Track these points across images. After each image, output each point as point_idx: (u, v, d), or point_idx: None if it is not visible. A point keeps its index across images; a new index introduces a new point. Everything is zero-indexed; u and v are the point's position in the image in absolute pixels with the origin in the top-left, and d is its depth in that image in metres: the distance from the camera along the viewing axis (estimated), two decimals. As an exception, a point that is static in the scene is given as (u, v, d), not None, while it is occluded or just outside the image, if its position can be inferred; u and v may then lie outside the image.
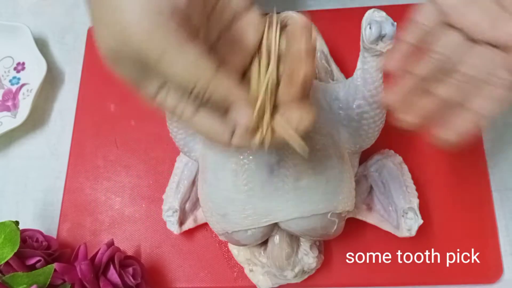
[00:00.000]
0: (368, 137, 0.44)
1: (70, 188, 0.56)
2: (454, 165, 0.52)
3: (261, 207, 0.41)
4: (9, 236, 0.44)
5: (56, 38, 0.64)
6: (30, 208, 0.56)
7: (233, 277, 0.50)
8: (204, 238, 0.52)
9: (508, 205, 0.51)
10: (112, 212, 0.54)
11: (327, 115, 0.43)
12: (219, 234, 0.45)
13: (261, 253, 0.47)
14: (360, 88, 0.42)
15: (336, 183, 0.42)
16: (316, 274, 0.48)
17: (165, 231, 0.52)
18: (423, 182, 0.50)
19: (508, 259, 0.49)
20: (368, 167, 0.49)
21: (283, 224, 0.42)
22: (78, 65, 0.61)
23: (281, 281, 0.47)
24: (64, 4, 0.65)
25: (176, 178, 0.51)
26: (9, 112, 0.59)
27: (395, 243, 0.49)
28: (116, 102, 0.59)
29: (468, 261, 0.48)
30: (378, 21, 0.38)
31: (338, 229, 0.43)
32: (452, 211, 0.50)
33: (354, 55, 0.44)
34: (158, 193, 0.53)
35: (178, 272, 0.51)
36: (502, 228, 0.50)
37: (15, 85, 0.61)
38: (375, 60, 0.41)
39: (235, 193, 0.41)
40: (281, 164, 0.40)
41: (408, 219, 0.45)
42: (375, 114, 0.43)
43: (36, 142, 0.59)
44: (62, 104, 0.60)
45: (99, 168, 0.56)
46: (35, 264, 0.46)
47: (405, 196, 0.46)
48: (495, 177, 0.52)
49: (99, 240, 0.53)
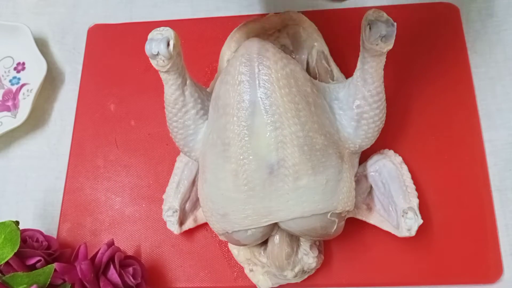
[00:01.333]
0: (368, 137, 0.44)
1: (70, 188, 0.56)
2: (454, 165, 0.52)
3: (261, 207, 0.41)
4: (9, 236, 0.44)
5: (56, 38, 0.64)
6: (30, 208, 0.56)
7: (233, 277, 0.51)
8: (204, 238, 0.52)
9: (508, 205, 0.51)
10: (112, 212, 0.54)
11: (327, 115, 0.43)
12: (219, 234, 0.45)
13: (261, 253, 0.47)
14: (360, 88, 0.42)
15: (336, 183, 0.42)
16: (316, 274, 0.48)
17: (165, 231, 0.52)
18: (423, 182, 0.51)
19: (508, 259, 0.49)
20: (368, 167, 0.49)
21: (283, 224, 0.42)
22: (78, 65, 0.61)
23: (281, 281, 0.47)
24: (64, 4, 0.66)
25: (176, 178, 0.51)
26: (9, 112, 0.59)
27: (395, 243, 0.49)
28: (116, 102, 0.59)
29: (468, 261, 0.49)
30: (378, 21, 0.38)
31: (338, 229, 0.43)
32: (452, 211, 0.50)
33: (354, 55, 0.44)
34: (158, 193, 0.53)
35: (178, 272, 0.51)
36: (502, 228, 0.50)
37: (15, 85, 0.61)
38: (375, 60, 0.41)
39: (235, 193, 0.41)
40: (281, 164, 0.40)
41: (408, 219, 0.45)
42: (375, 114, 0.43)
43: (36, 142, 0.59)
44: (62, 104, 0.60)
45: (99, 168, 0.56)
46: (35, 264, 0.46)
47: (405, 196, 0.46)
48: (495, 177, 0.52)
49: (99, 240, 0.53)
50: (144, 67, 0.59)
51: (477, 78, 0.56)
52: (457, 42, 0.57)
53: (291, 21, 0.53)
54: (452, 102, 0.54)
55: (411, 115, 0.54)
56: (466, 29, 0.58)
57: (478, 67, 0.56)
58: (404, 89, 0.55)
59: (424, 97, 0.55)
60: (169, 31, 0.40)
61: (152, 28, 0.41)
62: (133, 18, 0.63)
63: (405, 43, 0.56)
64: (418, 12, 0.59)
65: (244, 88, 0.40)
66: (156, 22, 0.62)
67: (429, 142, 0.53)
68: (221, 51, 0.54)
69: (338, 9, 0.60)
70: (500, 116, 0.54)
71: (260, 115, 0.40)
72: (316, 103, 0.42)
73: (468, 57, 0.56)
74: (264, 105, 0.40)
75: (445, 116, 0.54)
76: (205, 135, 0.44)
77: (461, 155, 0.52)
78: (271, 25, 0.53)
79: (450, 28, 0.57)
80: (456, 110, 0.54)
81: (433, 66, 0.56)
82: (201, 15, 0.62)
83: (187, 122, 0.44)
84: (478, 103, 0.54)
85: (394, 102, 0.53)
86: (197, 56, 0.58)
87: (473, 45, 0.57)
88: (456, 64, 0.56)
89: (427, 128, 0.53)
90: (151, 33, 0.40)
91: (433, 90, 0.55)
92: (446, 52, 0.56)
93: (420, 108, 0.54)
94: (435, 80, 0.55)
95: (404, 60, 0.56)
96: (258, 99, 0.40)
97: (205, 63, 0.59)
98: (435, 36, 0.57)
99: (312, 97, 0.42)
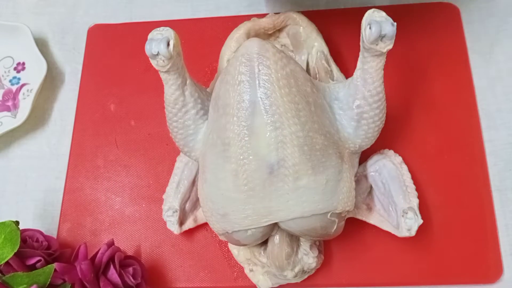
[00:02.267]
0: (368, 137, 0.44)
1: (70, 188, 0.56)
2: (454, 165, 0.52)
3: (261, 207, 0.41)
4: (9, 236, 0.44)
5: (56, 38, 0.64)
6: (30, 208, 0.56)
7: (233, 277, 0.51)
8: (204, 238, 0.52)
9: (508, 205, 0.51)
10: (112, 212, 0.54)
11: (327, 115, 0.43)
12: (219, 234, 0.45)
13: (261, 253, 0.47)
14: (360, 88, 0.42)
15: (336, 183, 0.42)
16: (316, 274, 0.48)
17: (165, 231, 0.52)
18: (423, 182, 0.51)
19: (508, 259, 0.49)
20: (368, 167, 0.49)
21: (283, 224, 0.42)
22: (78, 65, 0.62)
23: (281, 281, 0.47)
24: (64, 4, 0.66)
25: (176, 178, 0.51)
26: (9, 112, 0.59)
27: (395, 243, 0.49)
28: (116, 102, 0.59)
29: (468, 261, 0.49)
30: (378, 21, 0.38)
31: (338, 229, 0.43)
32: (452, 211, 0.50)
33: (354, 55, 0.44)
34: (158, 193, 0.53)
35: (178, 272, 0.51)
36: (502, 228, 0.50)
37: (15, 85, 0.61)
38: (375, 60, 0.41)
39: (235, 193, 0.41)
40: (281, 164, 0.40)
41: (408, 219, 0.45)
42: (375, 114, 0.43)
43: (36, 142, 0.59)
44: (62, 104, 0.60)
45: (99, 168, 0.56)
46: (35, 264, 0.46)
47: (405, 196, 0.46)
48: (495, 177, 0.52)
49: (99, 240, 0.53)
50: (144, 67, 0.59)
51: (477, 78, 0.56)
52: (457, 42, 0.57)
53: (291, 21, 0.53)
54: (452, 102, 0.54)
55: (411, 115, 0.54)
56: (466, 29, 0.58)
57: (478, 67, 0.56)
58: (404, 89, 0.55)
59: (424, 97, 0.55)
60: (169, 31, 0.40)
61: (152, 28, 0.41)
62: (133, 18, 0.63)
63: (405, 43, 0.56)
64: (418, 12, 0.59)
65: (244, 88, 0.40)
66: (156, 22, 0.62)
67: (429, 142, 0.53)
68: (221, 51, 0.54)
69: (338, 9, 0.60)
70: (500, 116, 0.54)
71: (260, 115, 0.40)
72: (316, 103, 0.42)
73: (468, 57, 0.56)
74: (264, 105, 0.40)
75: (445, 116, 0.54)
76: (205, 135, 0.44)
77: (461, 155, 0.52)
78: (271, 25, 0.53)
79: (450, 28, 0.57)
80: (456, 110, 0.54)
81: (433, 66, 0.56)
82: (201, 15, 0.62)
83: (187, 122, 0.44)
84: (478, 103, 0.54)
85: (394, 102, 0.53)
86: (197, 56, 0.58)
87: (473, 45, 0.57)
88: (456, 64, 0.56)
89: (427, 128, 0.53)
90: (151, 33, 0.40)
91: (433, 90, 0.55)
92: (446, 52, 0.56)
93: (420, 108, 0.54)
94: (435, 80, 0.55)
95: (404, 60, 0.56)
96: (258, 99, 0.40)
97: (205, 63, 0.59)
98: (435, 36, 0.57)
99: (312, 97, 0.42)
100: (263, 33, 0.53)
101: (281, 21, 0.53)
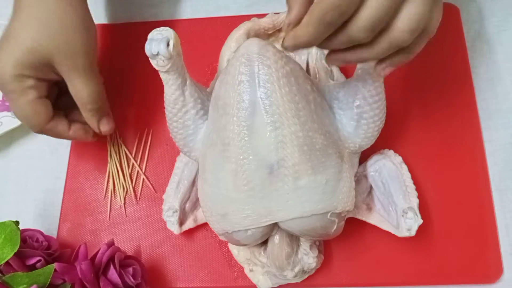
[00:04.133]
0: (367, 137, 0.44)
1: (70, 188, 0.56)
2: (454, 165, 0.52)
3: (261, 207, 0.41)
4: (9, 236, 0.44)
5: (56, 38, 0.64)
6: (30, 208, 0.56)
7: (233, 277, 0.51)
8: (204, 238, 0.52)
9: (508, 205, 0.51)
10: (112, 212, 0.54)
11: (327, 114, 0.43)
12: (219, 234, 0.45)
13: (261, 253, 0.47)
14: (360, 88, 0.42)
15: (336, 183, 0.42)
16: (316, 274, 0.48)
17: (165, 231, 0.52)
18: (423, 182, 0.51)
19: (508, 259, 0.49)
20: (368, 167, 0.49)
21: (283, 224, 0.42)
22: (78, 65, 0.61)
23: (281, 281, 0.47)
24: (64, 4, 0.65)
25: (176, 178, 0.51)
26: (9, 112, 0.59)
27: (395, 243, 0.49)
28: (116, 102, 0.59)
29: (468, 261, 0.49)
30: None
31: (338, 229, 0.43)
32: (452, 211, 0.50)
33: (354, 55, 0.44)
34: (158, 193, 0.53)
35: (178, 272, 0.51)
36: (502, 228, 0.50)
37: (15, 85, 0.60)
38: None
39: (235, 193, 0.41)
40: (281, 164, 0.40)
41: (408, 219, 0.45)
42: (374, 114, 0.43)
43: (36, 142, 0.59)
44: (62, 104, 0.60)
45: (99, 168, 0.56)
46: (35, 264, 0.46)
47: (405, 196, 0.46)
48: (495, 177, 0.52)
49: (99, 240, 0.53)
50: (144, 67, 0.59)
51: (477, 78, 0.56)
52: (457, 42, 0.57)
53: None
54: (452, 102, 0.54)
55: (411, 115, 0.54)
56: (466, 29, 0.58)
57: (478, 67, 0.56)
58: (404, 89, 0.55)
59: (424, 97, 0.55)
60: (169, 31, 0.40)
61: (152, 28, 0.41)
62: (133, 18, 0.63)
63: (405, 43, 0.56)
64: (418, 12, 0.58)
65: (244, 88, 0.40)
66: (156, 22, 0.62)
67: (429, 142, 0.53)
68: (221, 51, 0.54)
69: (338, 9, 0.60)
70: (500, 116, 0.54)
71: (260, 115, 0.40)
72: (316, 102, 0.42)
73: (468, 57, 0.56)
74: (264, 105, 0.40)
75: (445, 116, 0.54)
76: (205, 135, 0.44)
77: (461, 155, 0.52)
78: (271, 25, 0.53)
79: (450, 28, 0.57)
80: (456, 110, 0.54)
81: (433, 66, 0.56)
82: (201, 15, 0.62)
83: (187, 122, 0.44)
84: (478, 103, 0.54)
85: (394, 102, 0.53)
86: (197, 56, 0.58)
87: (473, 45, 0.57)
88: (456, 64, 0.56)
89: (427, 128, 0.53)
90: (151, 33, 0.40)
91: (433, 90, 0.55)
92: (446, 52, 0.56)
93: (420, 108, 0.54)
94: (435, 80, 0.55)
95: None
96: (258, 99, 0.40)
97: (205, 63, 0.59)
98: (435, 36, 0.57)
99: (312, 96, 0.42)
100: (263, 33, 0.53)
101: (281, 21, 0.53)
